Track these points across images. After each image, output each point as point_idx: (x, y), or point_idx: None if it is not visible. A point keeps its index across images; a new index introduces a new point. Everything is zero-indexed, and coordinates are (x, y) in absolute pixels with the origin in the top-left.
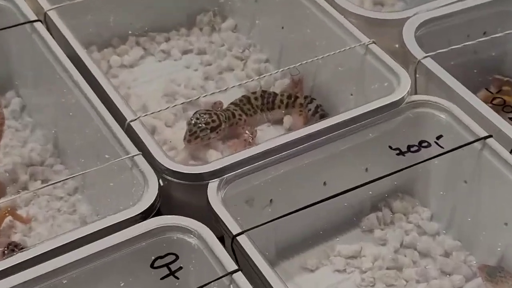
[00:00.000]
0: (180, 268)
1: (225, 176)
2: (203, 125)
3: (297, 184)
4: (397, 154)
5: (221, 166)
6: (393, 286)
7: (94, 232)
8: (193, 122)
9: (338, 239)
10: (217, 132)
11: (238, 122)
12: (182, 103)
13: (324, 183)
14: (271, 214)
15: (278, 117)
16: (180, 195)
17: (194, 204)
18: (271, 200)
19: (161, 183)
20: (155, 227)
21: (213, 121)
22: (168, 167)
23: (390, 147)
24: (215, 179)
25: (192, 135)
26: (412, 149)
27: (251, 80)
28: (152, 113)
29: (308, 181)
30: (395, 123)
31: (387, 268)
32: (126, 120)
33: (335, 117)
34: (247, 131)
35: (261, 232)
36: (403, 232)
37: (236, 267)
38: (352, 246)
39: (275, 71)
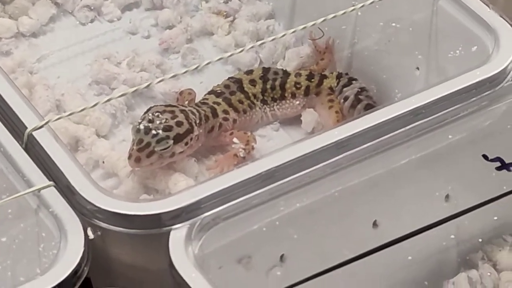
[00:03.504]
0: None
1: (201, 217)
2: (162, 131)
3: (326, 227)
4: (498, 168)
5: (193, 201)
6: None
7: None
8: (143, 127)
9: None
10: (186, 144)
11: (222, 125)
12: (122, 94)
13: (374, 224)
14: (281, 281)
15: (292, 113)
16: (124, 253)
17: (148, 267)
18: (281, 257)
19: (91, 235)
20: None
21: (179, 123)
22: (102, 207)
23: (485, 156)
24: (182, 223)
25: (143, 150)
26: None
27: (241, 50)
28: (71, 113)
29: (345, 220)
30: (492, 115)
31: None
32: (26, 128)
33: (391, 107)
34: (237, 139)
35: None
36: None
37: None
38: None
39: (283, 33)
